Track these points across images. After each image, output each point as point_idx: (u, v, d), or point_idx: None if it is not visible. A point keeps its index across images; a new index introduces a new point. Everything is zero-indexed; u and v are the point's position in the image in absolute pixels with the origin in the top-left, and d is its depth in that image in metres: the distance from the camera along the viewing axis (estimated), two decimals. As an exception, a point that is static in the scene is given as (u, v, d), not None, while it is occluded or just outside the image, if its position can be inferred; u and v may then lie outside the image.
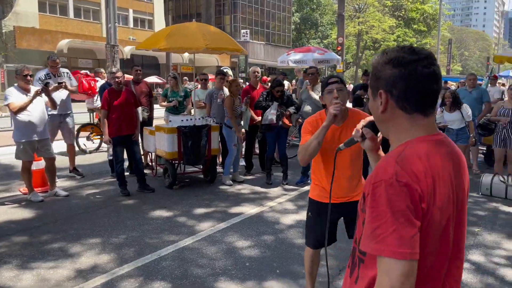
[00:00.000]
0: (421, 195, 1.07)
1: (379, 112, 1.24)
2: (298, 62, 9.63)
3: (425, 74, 1.16)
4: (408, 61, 1.17)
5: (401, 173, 1.08)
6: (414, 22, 58.62)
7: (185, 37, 5.75)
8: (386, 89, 1.20)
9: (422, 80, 1.16)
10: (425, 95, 1.18)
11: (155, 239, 4.36)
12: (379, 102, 1.22)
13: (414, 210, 1.06)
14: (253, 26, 60.28)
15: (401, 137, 1.21)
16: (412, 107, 1.18)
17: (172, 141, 6.15)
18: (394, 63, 1.18)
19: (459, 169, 1.23)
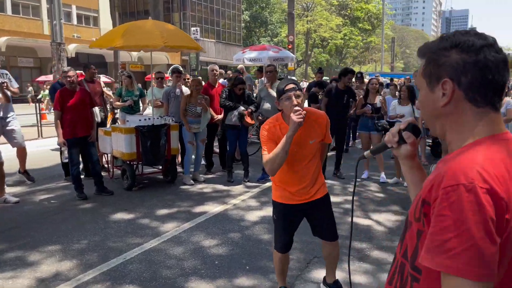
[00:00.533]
0: (507, 203, 0.89)
1: (439, 105, 1.04)
2: (254, 60, 9.71)
3: (499, 61, 0.99)
4: (480, 45, 0.99)
5: (483, 177, 0.90)
6: (359, 21, 60.67)
7: (141, 35, 5.61)
8: (453, 77, 1.00)
9: (496, 67, 0.99)
10: (498, 85, 1.00)
11: (118, 242, 4.24)
12: (440, 93, 1.02)
13: (497, 222, 0.88)
14: (203, 24, 59.73)
15: (466, 135, 1.02)
16: (484, 99, 1.00)
17: (130, 142, 5.99)
18: (464, 48, 1.00)
19: None
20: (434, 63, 1.04)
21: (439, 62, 1.03)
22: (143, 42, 5.62)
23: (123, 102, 7.38)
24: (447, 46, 1.02)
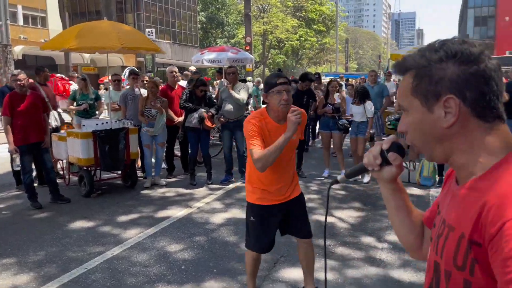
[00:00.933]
0: None
1: (442, 126, 0.90)
2: (213, 62, 9.64)
3: (497, 67, 0.90)
4: (478, 53, 0.89)
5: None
6: (314, 22, 61.87)
7: (98, 36, 5.42)
8: (457, 93, 0.88)
9: (497, 77, 0.89)
10: (500, 95, 0.91)
11: (79, 252, 4.08)
12: (442, 113, 0.89)
13: None
14: (158, 25, 58.61)
15: (482, 155, 0.89)
16: (493, 112, 0.89)
17: (87, 147, 5.78)
18: (462, 58, 0.88)
19: None
20: (428, 79, 0.91)
21: (435, 77, 0.89)
22: (99, 44, 5.43)
23: (77, 106, 7.11)
24: (442, 57, 0.90)
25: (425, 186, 6.39)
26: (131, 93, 6.79)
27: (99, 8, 63.38)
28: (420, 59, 0.92)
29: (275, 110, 2.67)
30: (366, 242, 4.30)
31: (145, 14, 60.19)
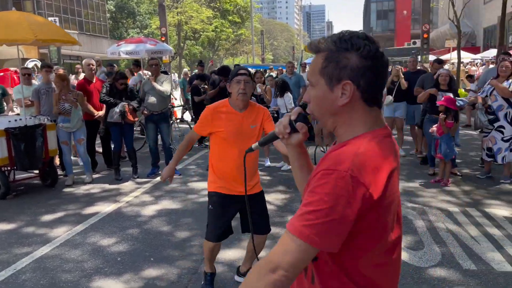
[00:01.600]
0: (371, 194, 1.03)
1: (337, 104, 1.13)
2: (131, 53, 9.40)
3: (387, 65, 1.15)
4: (374, 52, 1.12)
5: (357, 169, 1.03)
6: (229, 13, 62.03)
7: (8, 27, 5.05)
8: (354, 80, 1.10)
9: (385, 71, 1.15)
10: (384, 86, 1.18)
11: (3, 254, 3.90)
12: (339, 93, 1.12)
13: (358, 210, 1.03)
14: (62, 13, 54.49)
15: (356, 130, 1.14)
16: (374, 100, 1.15)
17: (1, 146, 5.42)
18: (363, 53, 1.10)
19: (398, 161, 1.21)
20: (335, 64, 1.11)
21: (341, 64, 1.11)
22: (11, 36, 5.07)
23: (-17, 103, 6.58)
24: (348, 48, 1.11)
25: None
26: (45, 87, 6.44)
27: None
28: (331, 45, 1.13)
29: (234, 99, 2.86)
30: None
31: (46, 2, 55.66)
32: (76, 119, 6.20)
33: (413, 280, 3.36)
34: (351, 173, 1.02)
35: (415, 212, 4.84)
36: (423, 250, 3.88)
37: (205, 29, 59.07)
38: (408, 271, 3.49)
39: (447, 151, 5.78)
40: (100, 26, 62.32)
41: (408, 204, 5.12)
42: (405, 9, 61.88)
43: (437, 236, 4.18)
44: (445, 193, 5.53)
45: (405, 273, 3.44)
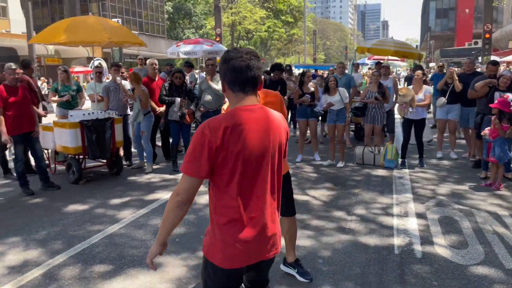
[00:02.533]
0: (211, 142, 1.74)
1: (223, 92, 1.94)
2: (189, 54, 9.98)
3: (242, 66, 1.81)
4: (230, 58, 1.83)
5: (206, 126, 1.76)
6: (282, 13, 62.28)
7: (86, 30, 5.69)
8: (224, 77, 1.87)
9: (239, 70, 1.82)
10: (242, 80, 1.83)
11: (79, 230, 4.45)
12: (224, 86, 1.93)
13: (206, 152, 1.75)
14: (124, 15, 57.54)
15: (231, 107, 1.88)
16: (236, 88, 1.85)
17: (76, 136, 6.08)
18: (224, 61, 1.85)
19: (266, 128, 1.85)
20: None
21: (221, 70, 1.89)
22: (88, 38, 5.72)
23: (60, 97, 7.33)
24: (222, 59, 1.91)
25: (389, 168, 7.07)
26: (114, 85, 7.09)
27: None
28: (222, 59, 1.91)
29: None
30: (337, 215, 4.88)
31: (110, 4, 58.82)
32: (136, 112, 6.80)
33: (453, 275, 3.48)
34: (202, 130, 1.76)
35: (462, 214, 4.88)
36: (467, 249, 3.96)
37: (258, 29, 59.79)
38: (449, 267, 3.61)
39: (501, 154, 5.71)
40: (158, 27, 64.92)
41: (455, 206, 5.16)
42: (467, 7, 58.93)
43: (482, 236, 4.23)
44: (495, 197, 5.49)
45: (446, 269, 3.57)
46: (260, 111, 1.86)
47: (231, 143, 1.75)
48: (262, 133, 1.83)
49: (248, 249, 1.86)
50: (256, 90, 1.89)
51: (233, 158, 1.77)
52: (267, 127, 1.85)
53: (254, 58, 1.84)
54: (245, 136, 1.77)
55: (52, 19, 59.31)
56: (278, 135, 1.90)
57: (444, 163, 7.45)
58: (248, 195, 1.84)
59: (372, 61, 24.56)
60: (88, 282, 3.37)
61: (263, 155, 1.83)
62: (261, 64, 1.90)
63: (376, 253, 3.90)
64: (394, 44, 9.32)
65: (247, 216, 1.84)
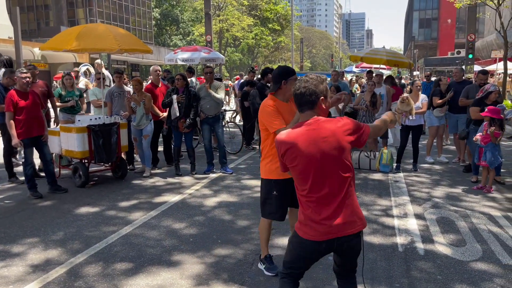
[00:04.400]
0: (288, 149, 2.27)
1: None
2: (187, 61, 10.16)
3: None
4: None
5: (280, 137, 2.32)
6: (269, 21, 62.89)
7: (97, 38, 5.84)
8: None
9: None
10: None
11: (94, 231, 4.58)
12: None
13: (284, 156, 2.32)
14: (111, 20, 57.42)
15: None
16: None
17: (83, 140, 6.20)
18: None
19: (316, 140, 2.22)
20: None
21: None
22: (99, 46, 5.86)
23: (63, 103, 7.42)
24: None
25: (384, 172, 7.35)
26: (118, 90, 7.22)
27: (48, 3, 60.85)
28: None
29: (288, 94, 3.30)
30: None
31: (97, 10, 58.49)
32: (140, 116, 6.94)
33: (455, 271, 3.73)
34: (277, 139, 2.37)
35: (457, 215, 5.16)
36: (465, 246, 4.23)
37: (245, 37, 60.25)
38: (451, 263, 3.86)
39: (492, 159, 6.04)
40: (145, 33, 64.79)
41: (451, 208, 5.44)
42: (449, 18, 60.49)
43: (479, 235, 4.51)
44: (487, 199, 5.80)
45: (448, 265, 3.82)
46: (311, 125, 2.28)
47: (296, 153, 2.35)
48: (313, 145, 2.24)
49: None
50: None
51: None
52: (317, 140, 2.24)
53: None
54: (301, 148, 2.29)
55: (38, 24, 58.81)
56: (328, 146, 2.23)
57: (436, 167, 7.78)
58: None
59: (360, 69, 25.10)
60: (112, 279, 3.51)
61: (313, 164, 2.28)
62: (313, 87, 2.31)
63: (381, 251, 4.13)
64: (386, 54, 9.69)
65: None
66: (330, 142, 2.21)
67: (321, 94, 2.33)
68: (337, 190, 2.27)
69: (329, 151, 2.21)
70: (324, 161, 2.22)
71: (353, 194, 2.35)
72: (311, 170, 2.24)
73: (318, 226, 2.29)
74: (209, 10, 26.33)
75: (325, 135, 2.22)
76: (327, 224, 2.27)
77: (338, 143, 2.22)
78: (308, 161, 2.23)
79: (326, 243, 2.32)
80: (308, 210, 2.32)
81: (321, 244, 2.32)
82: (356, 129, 2.30)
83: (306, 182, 2.28)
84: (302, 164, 2.25)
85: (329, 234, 2.29)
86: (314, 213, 2.29)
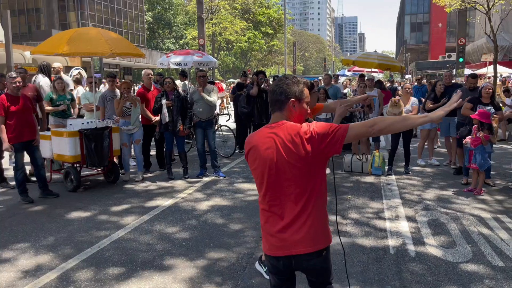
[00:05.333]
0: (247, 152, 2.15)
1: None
2: (179, 64, 10.17)
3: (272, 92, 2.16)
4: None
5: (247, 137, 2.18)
6: (262, 25, 63.10)
7: (88, 42, 5.83)
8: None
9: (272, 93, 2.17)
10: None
11: (86, 236, 4.56)
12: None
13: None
14: (103, 24, 57.25)
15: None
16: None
17: (75, 145, 6.17)
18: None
19: (274, 144, 2.04)
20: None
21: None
22: (91, 49, 5.84)
23: (55, 107, 7.38)
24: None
25: (376, 175, 7.40)
26: (110, 94, 7.20)
27: (40, 6, 60.55)
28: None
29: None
30: (332, 219, 5.12)
31: (89, 13, 58.37)
32: (135, 117, 6.93)
33: (446, 272, 3.76)
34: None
35: (448, 217, 5.21)
36: (456, 248, 4.27)
37: (238, 40, 60.39)
38: (442, 265, 3.90)
39: (482, 161, 6.10)
40: (138, 36, 64.64)
41: (442, 210, 5.49)
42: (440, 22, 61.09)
43: (469, 237, 4.56)
44: (478, 201, 5.86)
45: (439, 267, 3.85)
46: (273, 128, 2.10)
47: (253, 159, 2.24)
48: (271, 149, 2.07)
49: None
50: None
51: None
52: (275, 144, 2.08)
53: (276, 84, 2.15)
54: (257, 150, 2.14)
55: (29, 28, 58.46)
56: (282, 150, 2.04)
57: (427, 170, 7.85)
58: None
59: (352, 72, 25.26)
60: (104, 284, 3.50)
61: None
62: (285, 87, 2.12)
63: (373, 253, 4.16)
64: (378, 58, 9.77)
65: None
66: (289, 148, 1.99)
67: (292, 96, 2.08)
68: (294, 202, 2.03)
69: (287, 158, 1.99)
70: (280, 168, 2.02)
71: (319, 208, 2.07)
72: (265, 176, 2.06)
73: (272, 239, 2.07)
74: (202, 13, 26.34)
75: (285, 140, 2.00)
76: (280, 237, 2.05)
77: (297, 150, 1.98)
78: (263, 165, 2.05)
79: (283, 260, 2.08)
80: (264, 221, 2.13)
81: (279, 261, 2.09)
82: (324, 134, 1.99)
83: (261, 188, 2.11)
84: (259, 168, 2.08)
85: (284, 250, 2.05)
86: (270, 225, 2.09)
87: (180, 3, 71.95)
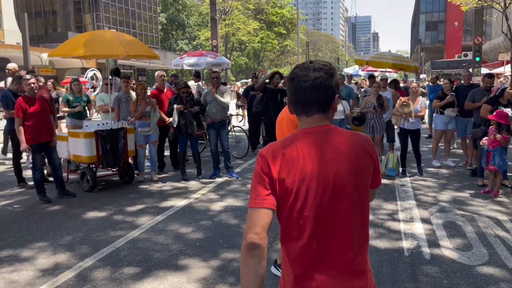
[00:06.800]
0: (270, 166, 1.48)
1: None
2: (193, 65, 10.24)
3: (305, 87, 1.50)
4: (292, 77, 1.54)
5: (268, 149, 1.51)
6: (275, 25, 63.05)
7: (104, 44, 5.93)
8: (289, 98, 1.60)
9: (302, 91, 1.52)
10: (307, 103, 1.52)
11: (102, 236, 4.63)
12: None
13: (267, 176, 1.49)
14: (118, 26, 57.98)
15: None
16: (296, 111, 1.57)
17: (91, 146, 6.27)
18: (289, 78, 1.57)
19: (327, 152, 1.50)
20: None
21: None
22: (106, 52, 5.95)
23: (71, 108, 7.51)
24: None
25: (391, 176, 7.34)
26: (125, 96, 7.30)
27: (56, 8, 61.51)
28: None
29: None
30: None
31: (104, 15, 59.12)
32: (154, 121, 7.03)
33: (461, 275, 3.73)
34: (261, 152, 1.55)
35: (463, 219, 5.15)
36: (472, 251, 4.22)
37: (251, 41, 60.46)
38: (458, 268, 3.86)
39: (501, 163, 6.01)
40: (152, 37, 65.24)
41: (457, 212, 5.43)
42: (456, 20, 60.19)
43: (485, 240, 4.50)
44: (494, 203, 5.77)
45: (454, 270, 3.82)
46: (318, 133, 1.55)
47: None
48: (322, 157, 1.50)
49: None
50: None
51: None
52: (328, 152, 1.51)
53: (316, 77, 1.50)
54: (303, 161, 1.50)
55: (45, 30, 59.49)
56: (344, 162, 1.51)
57: (443, 171, 7.76)
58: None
59: (366, 72, 25.07)
60: (120, 283, 3.56)
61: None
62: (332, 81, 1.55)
63: (387, 255, 4.13)
64: (392, 57, 9.68)
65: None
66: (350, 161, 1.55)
67: (337, 89, 1.61)
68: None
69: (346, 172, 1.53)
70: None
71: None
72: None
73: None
74: (215, 14, 26.42)
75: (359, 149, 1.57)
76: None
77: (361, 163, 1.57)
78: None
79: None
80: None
81: None
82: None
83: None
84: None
85: None
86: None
87: (194, 4, 72.38)
